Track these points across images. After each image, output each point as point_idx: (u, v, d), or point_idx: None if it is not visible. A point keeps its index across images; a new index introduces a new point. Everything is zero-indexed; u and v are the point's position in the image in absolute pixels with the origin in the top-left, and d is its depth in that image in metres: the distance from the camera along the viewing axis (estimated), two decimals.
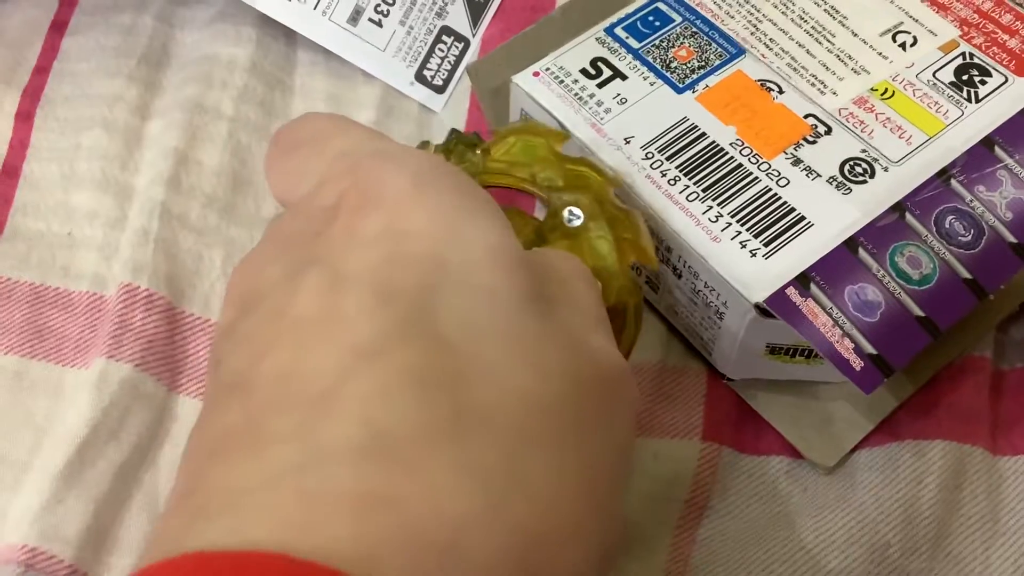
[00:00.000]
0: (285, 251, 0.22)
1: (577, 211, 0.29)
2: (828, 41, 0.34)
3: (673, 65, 0.33)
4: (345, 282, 0.20)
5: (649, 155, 0.31)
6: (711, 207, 0.30)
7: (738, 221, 0.30)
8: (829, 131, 0.32)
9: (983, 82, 0.33)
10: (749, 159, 0.31)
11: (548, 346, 0.20)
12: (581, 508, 0.19)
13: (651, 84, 0.33)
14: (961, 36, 0.34)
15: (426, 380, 0.18)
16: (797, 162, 0.31)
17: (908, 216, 0.30)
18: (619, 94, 0.33)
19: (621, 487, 0.22)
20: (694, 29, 0.34)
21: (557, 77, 0.33)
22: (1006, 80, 0.33)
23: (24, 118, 0.38)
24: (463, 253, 0.20)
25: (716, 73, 0.33)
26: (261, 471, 0.17)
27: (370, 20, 0.39)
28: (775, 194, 0.30)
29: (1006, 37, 0.34)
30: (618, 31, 0.34)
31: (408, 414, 0.18)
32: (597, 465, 0.20)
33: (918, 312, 0.28)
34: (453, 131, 0.30)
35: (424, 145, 0.29)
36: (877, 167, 0.31)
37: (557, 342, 0.20)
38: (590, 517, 0.19)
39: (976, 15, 0.34)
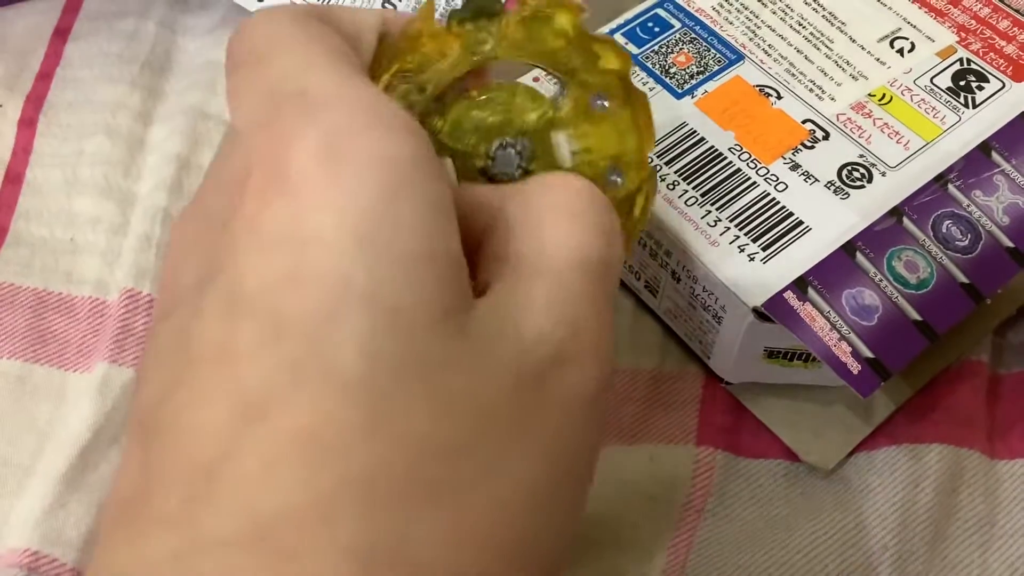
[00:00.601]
0: (200, 241, 0.19)
1: (604, 96, 0.26)
2: (826, 47, 0.34)
3: (672, 71, 0.34)
4: (241, 307, 0.18)
5: (648, 160, 0.32)
6: (710, 212, 0.30)
7: (736, 226, 0.30)
8: (827, 136, 0.32)
9: (980, 87, 0.33)
10: (747, 164, 0.31)
11: (456, 373, 0.18)
12: (493, 553, 0.18)
13: (650, 90, 0.33)
14: (959, 42, 0.34)
15: (310, 447, 0.17)
16: (795, 167, 0.31)
17: (906, 221, 0.30)
18: None
19: (567, 489, 0.20)
20: (693, 35, 0.35)
21: None
22: (1003, 85, 0.33)
23: (27, 124, 0.38)
24: (371, 265, 0.18)
25: (715, 79, 0.33)
26: (142, 560, 0.17)
27: None
28: (773, 199, 0.31)
29: (1003, 43, 0.34)
30: (617, 37, 0.35)
31: (288, 496, 0.16)
32: (521, 489, 0.18)
33: (915, 316, 0.29)
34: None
35: (430, 9, 0.25)
36: (875, 172, 0.31)
37: (469, 362, 0.18)
38: (512, 558, 0.18)
39: (974, 21, 0.35)
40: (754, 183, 0.31)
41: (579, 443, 0.20)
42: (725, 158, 0.32)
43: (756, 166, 0.31)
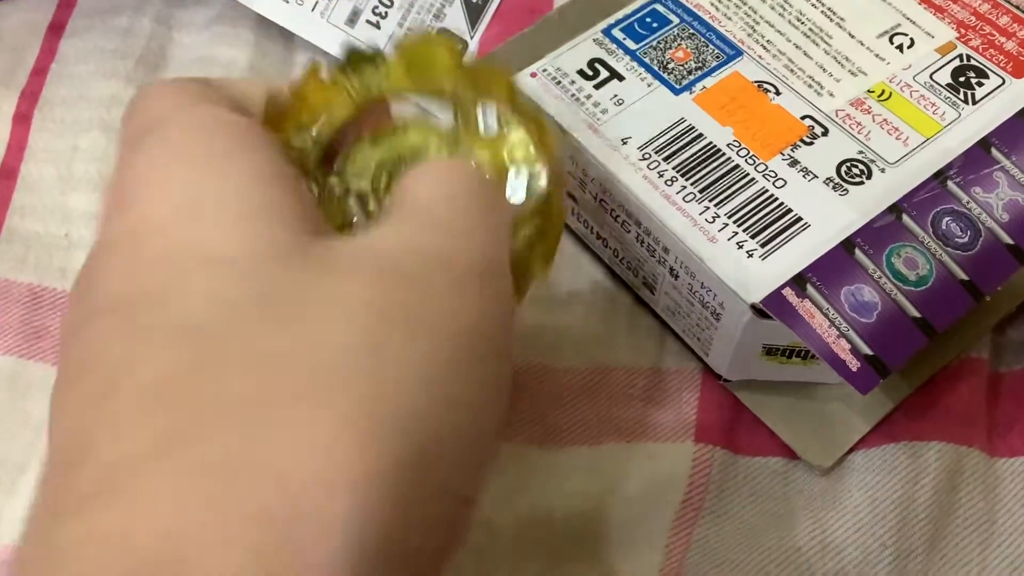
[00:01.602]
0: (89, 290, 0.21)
1: (491, 114, 0.27)
2: (825, 43, 0.34)
3: (670, 66, 0.33)
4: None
5: (646, 156, 0.31)
6: (708, 208, 0.30)
7: (735, 222, 0.30)
8: (826, 132, 0.32)
9: (980, 84, 0.33)
10: (746, 160, 0.31)
11: (312, 292, 0.19)
12: (400, 434, 0.18)
13: (648, 85, 0.33)
14: (958, 38, 0.34)
15: (177, 392, 0.18)
16: (794, 163, 0.31)
17: (905, 217, 0.30)
18: (616, 95, 0.33)
19: (469, 365, 0.20)
20: (691, 30, 0.34)
21: (554, 78, 0.33)
22: (1003, 82, 0.33)
23: (22, 120, 0.38)
24: (206, 227, 0.20)
25: (713, 74, 0.33)
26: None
27: (368, 22, 0.39)
28: (772, 195, 0.30)
29: (1003, 39, 0.34)
30: (615, 32, 0.34)
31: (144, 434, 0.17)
32: (413, 370, 0.19)
33: (914, 313, 0.28)
34: (351, 48, 0.28)
35: (315, 67, 0.27)
36: (874, 168, 0.31)
37: (330, 282, 0.19)
38: (422, 439, 0.18)
39: (973, 17, 0.34)
40: (752, 179, 0.31)
41: (467, 321, 0.20)
42: (723, 154, 0.31)
43: (755, 162, 0.31)
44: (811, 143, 0.32)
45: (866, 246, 0.29)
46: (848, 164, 0.31)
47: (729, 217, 0.30)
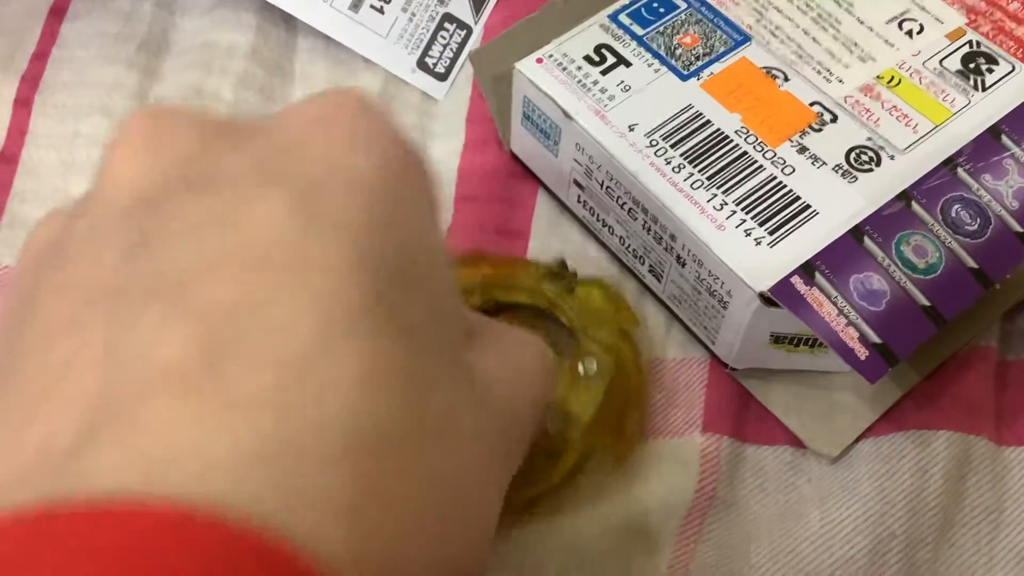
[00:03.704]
0: (239, 132, 0.19)
1: (593, 368, 0.30)
2: (834, 28, 0.34)
3: (678, 52, 0.33)
4: (323, 222, 0.17)
5: (653, 143, 0.31)
6: (716, 195, 0.30)
7: (743, 209, 0.30)
8: (835, 119, 0.32)
9: (990, 70, 0.33)
10: (754, 147, 0.31)
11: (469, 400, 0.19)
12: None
13: (655, 71, 0.33)
14: (968, 24, 0.34)
15: (400, 376, 0.16)
16: (803, 150, 0.31)
17: (914, 205, 0.30)
18: (623, 81, 0.33)
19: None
20: (699, 16, 0.34)
21: (560, 64, 0.33)
22: (1013, 68, 0.33)
23: (23, 104, 0.38)
24: (430, 258, 0.19)
25: (721, 60, 0.33)
26: (234, 444, 0.15)
27: (372, 7, 0.39)
28: (780, 182, 0.30)
29: (1013, 25, 0.34)
30: (622, 18, 0.34)
31: (390, 412, 0.16)
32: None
33: (923, 301, 0.28)
34: (563, 263, 0.32)
35: (540, 267, 0.32)
36: (883, 155, 0.31)
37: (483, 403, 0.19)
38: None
39: (983, 3, 0.34)
40: (761, 166, 0.31)
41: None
42: (731, 141, 0.31)
43: (763, 149, 0.31)
44: (820, 130, 0.31)
45: (875, 234, 0.29)
46: (857, 151, 0.31)
47: (737, 204, 0.30)
